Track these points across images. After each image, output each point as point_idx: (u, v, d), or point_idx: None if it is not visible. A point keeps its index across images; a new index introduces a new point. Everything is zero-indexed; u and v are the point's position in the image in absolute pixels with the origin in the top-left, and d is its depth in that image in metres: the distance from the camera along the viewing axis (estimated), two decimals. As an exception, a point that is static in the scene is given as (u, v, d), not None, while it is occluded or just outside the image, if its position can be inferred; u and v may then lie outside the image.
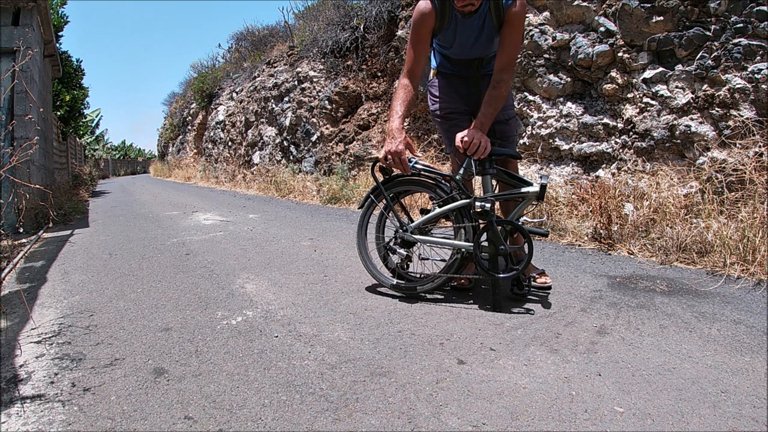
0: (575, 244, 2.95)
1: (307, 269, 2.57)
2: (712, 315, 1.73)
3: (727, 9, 2.73)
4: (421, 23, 1.92)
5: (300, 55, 7.72)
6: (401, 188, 2.08)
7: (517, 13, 1.83)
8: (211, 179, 11.09)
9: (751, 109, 2.64)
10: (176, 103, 16.55)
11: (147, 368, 1.42)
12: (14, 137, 4.47)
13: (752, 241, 2.21)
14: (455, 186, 1.92)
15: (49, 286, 2.40)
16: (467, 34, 1.95)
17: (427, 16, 1.90)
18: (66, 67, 9.20)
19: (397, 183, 2.06)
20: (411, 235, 2.00)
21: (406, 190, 2.12)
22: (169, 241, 3.53)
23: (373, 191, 2.11)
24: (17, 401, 1.24)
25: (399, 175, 2.05)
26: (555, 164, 3.73)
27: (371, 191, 2.12)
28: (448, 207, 1.91)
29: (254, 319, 1.82)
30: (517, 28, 1.85)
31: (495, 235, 1.81)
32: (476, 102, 2.16)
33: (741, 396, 1.18)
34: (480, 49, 2.00)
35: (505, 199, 1.94)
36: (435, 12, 1.89)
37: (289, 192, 6.94)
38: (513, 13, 1.83)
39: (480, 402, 1.19)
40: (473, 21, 1.89)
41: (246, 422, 1.13)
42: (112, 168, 26.82)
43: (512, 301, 1.93)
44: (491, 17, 1.87)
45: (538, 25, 3.74)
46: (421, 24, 1.92)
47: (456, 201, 1.90)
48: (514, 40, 1.86)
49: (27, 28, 4.74)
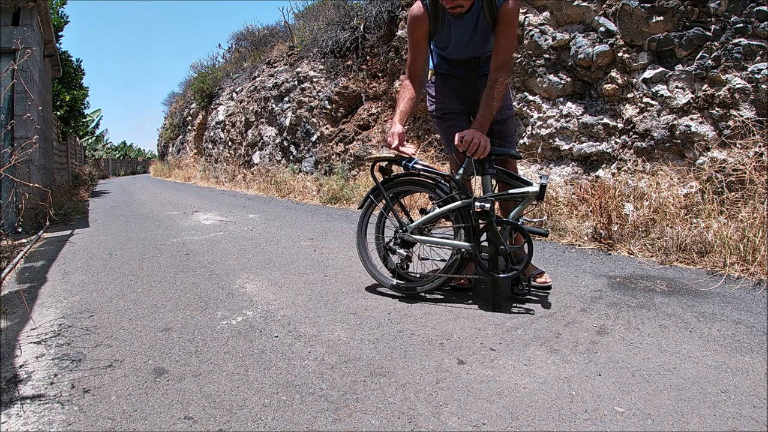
0: (575, 244, 2.95)
1: (307, 269, 2.57)
2: (712, 315, 1.73)
3: (727, 9, 2.73)
4: (414, 26, 1.95)
5: (300, 55, 7.72)
6: (401, 188, 2.08)
7: (510, 11, 1.82)
8: (211, 179, 11.09)
9: (751, 109, 2.64)
10: (176, 103, 16.54)
11: (147, 368, 1.42)
12: (14, 137, 4.46)
13: (752, 241, 2.21)
14: (455, 186, 1.92)
15: (49, 286, 2.40)
16: (461, 35, 1.95)
17: (420, 19, 1.92)
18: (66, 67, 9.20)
19: (397, 183, 2.06)
20: (410, 235, 2.00)
21: (406, 190, 2.11)
22: (169, 241, 3.53)
23: (373, 191, 2.11)
24: (17, 401, 1.24)
25: (398, 175, 2.05)
26: (555, 164, 3.73)
27: (371, 191, 2.12)
28: (448, 207, 1.91)
29: (254, 319, 1.82)
30: (511, 27, 1.85)
31: (495, 235, 1.81)
32: (474, 102, 2.16)
33: (741, 396, 1.18)
34: (475, 49, 2.00)
35: (505, 199, 1.94)
36: (428, 14, 1.91)
37: (289, 192, 6.94)
38: (506, 11, 1.82)
39: (480, 402, 1.19)
40: (466, 21, 1.90)
41: (246, 422, 1.13)
42: (112, 168, 26.82)
43: (512, 301, 1.93)
44: (485, 16, 1.87)
45: (538, 25, 3.74)
46: (415, 27, 1.95)
47: (456, 201, 1.90)
48: (508, 38, 1.85)
49: (27, 28, 4.74)
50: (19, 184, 1.97)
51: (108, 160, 26.41)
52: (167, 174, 16.01)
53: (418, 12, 1.91)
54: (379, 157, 2.07)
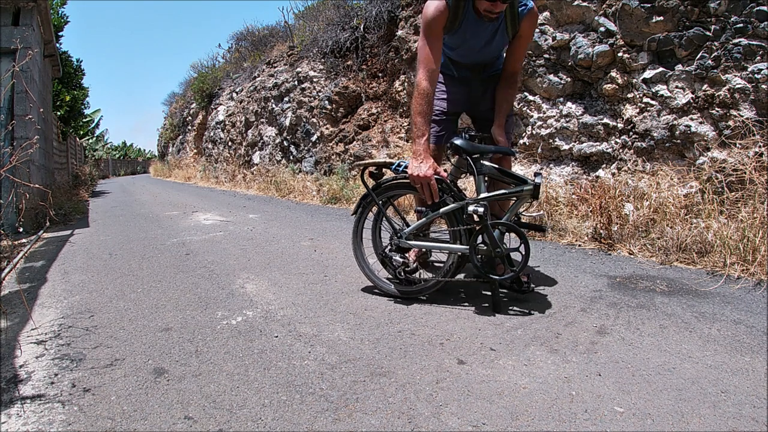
0: (575, 244, 2.95)
1: (307, 269, 2.57)
2: (712, 315, 1.73)
3: (727, 9, 2.73)
4: (436, 20, 1.88)
5: (300, 55, 7.72)
6: (392, 192, 2.06)
7: (533, 25, 1.96)
8: (211, 179, 11.08)
9: (751, 109, 2.64)
10: (176, 103, 16.53)
11: (147, 368, 1.42)
12: (14, 137, 4.46)
13: (752, 241, 2.21)
14: (446, 188, 1.89)
15: (49, 286, 2.40)
16: (478, 39, 1.96)
17: (442, 13, 1.87)
18: (66, 67, 9.20)
19: (389, 187, 2.04)
20: (406, 241, 1.99)
21: (398, 193, 2.09)
22: (169, 241, 3.53)
23: (364, 198, 2.10)
24: (17, 401, 1.24)
25: (389, 179, 2.03)
26: (555, 164, 3.73)
27: (362, 198, 2.11)
28: (440, 212, 1.89)
29: (254, 319, 1.82)
30: (530, 39, 2.04)
31: (490, 237, 1.81)
32: (474, 104, 2.16)
33: (741, 396, 1.18)
34: (487, 54, 2.04)
35: (499, 199, 1.92)
36: (448, 10, 1.87)
37: (289, 192, 6.93)
38: (529, 25, 1.95)
39: (480, 402, 1.19)
40: (487, 27, 1.91)
41: (246, 422, 1.13)
42: (112, 168, 26.81)
43: (512, 301, 1.93)
44: (506, 26, 1.92)
45: (538, 25, 3.74)
46: (437, 20, 1.88)
47: (447, 205, 1.88)
48: (526, 47, 2.05)
49: (27, 28, 4.74)
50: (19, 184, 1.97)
51: (108, 160, 26.40)
52: (167, 174, 16.01)
53: (440, 4, 1.86)
54: (368, 163, 2.07)
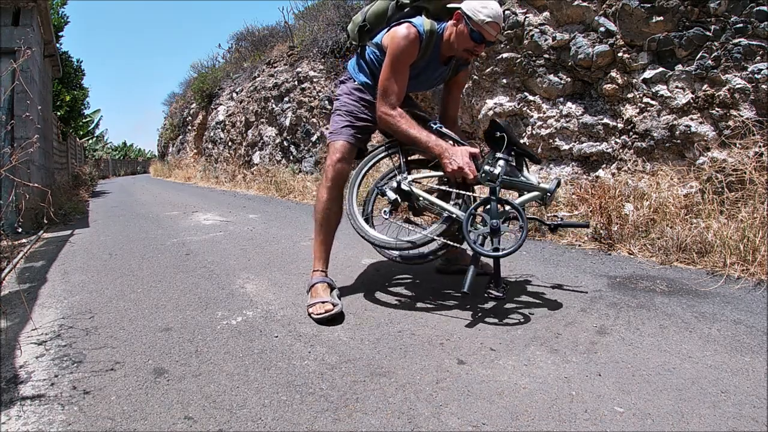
0: (575, 244, 2.95)
1: (308, 269, 2.56)
2: (712, 315, 1.73)
3: (727, 9, 2.73)
4: (408, 52, 1.84)
5: (300, 55, 7.72)
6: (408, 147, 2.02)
7: (467, 78, 2.16)
8: (211, 179, 11.08)
9: (751, 109, 2.64)
10: (176, 103, 16.52)
11: (147, 368, 1.42)
12: (14, 137, 4.47)
13: (752, 241, 2.21)
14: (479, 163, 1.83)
15: (49, 286, 2.40)
16: (432, 74, 2.03)
17: (415, 46, 1.84)
18: (66, 67, 9.20)
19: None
20: (408, 183, 1.92)
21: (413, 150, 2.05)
22: (169, 242, 3.53)
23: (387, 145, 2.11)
24: (17, 401, 1.24)
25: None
26: (555, 164, 3.73)
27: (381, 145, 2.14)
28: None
29: (254, 319, 1.83)
30: (463, 87, 2.30)
31: (493, 209, 1.71)
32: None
33: (741, 396, 1.18)
34: (426, 88, 2.17)
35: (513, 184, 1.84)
36: (420, 43, 1.84)
37: (289, 192, 6.93)
38: (465, 76, 2.16)
39: (480, 402, 1.19)
40: (442, 66, 2.00)
41: (246, 422, 1.13)
42: (112, 168, 26.81)
43: (512, 301, 1.93)
44: (450, 69, 2.05)
45: (538, 25, 3.74)
46: (409, 53, 1.84)
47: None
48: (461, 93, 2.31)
49: (27, 28, 4.74)
50: (19, 184, 1.97)
51: (108, 161, 26.40)
52: (167, 174, 16.00)
53: (415, 37, 1.82)
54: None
